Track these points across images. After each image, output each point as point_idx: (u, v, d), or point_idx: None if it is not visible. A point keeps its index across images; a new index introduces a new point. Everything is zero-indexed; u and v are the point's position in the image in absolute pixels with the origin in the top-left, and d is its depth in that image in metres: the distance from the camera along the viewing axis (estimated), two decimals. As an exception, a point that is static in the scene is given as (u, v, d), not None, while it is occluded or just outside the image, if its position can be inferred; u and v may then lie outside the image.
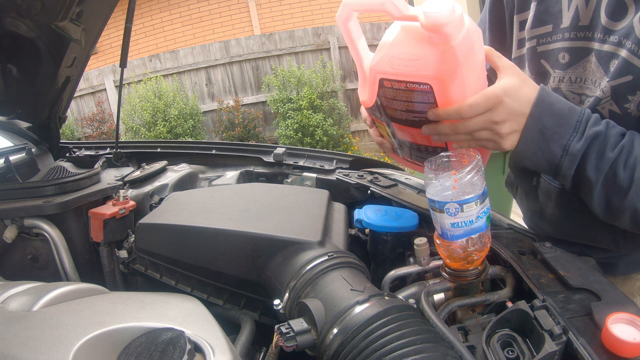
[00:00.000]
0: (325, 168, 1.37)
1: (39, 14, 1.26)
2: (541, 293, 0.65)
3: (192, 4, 8.06)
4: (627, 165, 0.69)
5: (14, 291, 0.68)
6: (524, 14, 0.92)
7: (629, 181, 0.69)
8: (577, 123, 0.71)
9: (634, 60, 0.73)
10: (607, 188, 0.71)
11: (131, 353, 0.51)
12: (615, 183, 0.70)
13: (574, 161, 0.71)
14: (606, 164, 0.70)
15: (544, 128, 0.71)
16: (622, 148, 0.70)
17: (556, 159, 0.72)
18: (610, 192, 0.71)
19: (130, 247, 1.11)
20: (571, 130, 0.70)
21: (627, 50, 0.73)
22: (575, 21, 0.82)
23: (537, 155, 0.73)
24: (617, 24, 0.75)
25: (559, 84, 0.89)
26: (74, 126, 6.65)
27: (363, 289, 0.65)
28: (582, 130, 0.70)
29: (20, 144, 1.71)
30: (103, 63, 7.55)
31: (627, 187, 0.69)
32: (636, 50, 0.72)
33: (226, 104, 6.64)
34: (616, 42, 0.76)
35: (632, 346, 0.52)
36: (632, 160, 0.69)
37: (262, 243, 0.80)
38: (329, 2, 8.16)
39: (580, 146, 0.70)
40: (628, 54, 0.73)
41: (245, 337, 0.75)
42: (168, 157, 1.63)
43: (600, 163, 0.70)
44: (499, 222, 0.94)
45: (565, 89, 0.88)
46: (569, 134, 0.71)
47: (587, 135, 0.70)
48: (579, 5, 0.80)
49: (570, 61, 0.85)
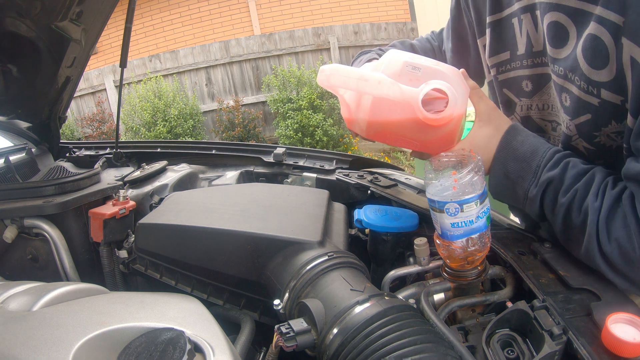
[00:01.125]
0: (325, 168, 1.37)
1: (39, 14, 1.26)
2: (541, 293, 0.65)
3: (192, 4, 8.06)
4: (581, 211, 0.67)
5: (14, 291, 0.68)
6: (483, 39, 0.92)
7: (582, 227, 0.66)
8: (537, 167, 0.71)
9: (587, 98, 0.69)
10: (567, 231, 0.70)
11: (131, 353, 0.51)
12: (571, 225, 0.69)
13: (533, 205, 0.73)
14: (560, 209, 0.69)
15: (508, 173, 0.73)
16: (575, 192, 0.67)
17: (520, 201, 0.75)
18: (568, 231, 0.70)
19: (130, 247, 1.11)
20: (531, 175, 0.71)
21: (577, 87, 0.70)
22: (529, 47, 0.80)
23: (505, 196, 0.77)
24: (559, 51, 0.72)
25: (528, 111, 0.89)
26: (74, 126, 6.65)
27: (363, 289, 0.65)
28: (538, 177, 0.71)
29: (20, 144, 1.71)
30: (103, 63, 7.55)
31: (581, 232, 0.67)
32: (586, 88, 0.68)
33: (226, 104, 6.64)
34: (562, 74, 0.72)
35: (632, 346, 0.52)
36: (585, 206, 0.66)
37: (262, 243, 0.80)
38: (329, 2, 8.17)
39: (535, 192, 0.71)
40: (579, 91, 0.70)
41: (245, 337, 0.75)
42: (168, 157, 1.63)
43: (554, 207, 0.70)
44: (499, 222, 0.94)
45: (535, 116, 0.88)
46: (529, 179, 0.72)
47: (541, 181, 0.70)
48: (529, 30, 0.78)
49: (533, 89, 0.84)
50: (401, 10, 8.04)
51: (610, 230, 0.63)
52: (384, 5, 8.11)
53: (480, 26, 0.92)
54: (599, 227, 0.64)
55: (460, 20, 1.01)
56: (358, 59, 1.11)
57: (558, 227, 0.71)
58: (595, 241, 0.65)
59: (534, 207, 0.73)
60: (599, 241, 0.64)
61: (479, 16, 0.91)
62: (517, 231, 0.90)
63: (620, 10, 0.60)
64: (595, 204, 0.65)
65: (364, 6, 8.11)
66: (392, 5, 8.10)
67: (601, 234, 0.64)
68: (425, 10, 5.74)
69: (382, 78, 0.66)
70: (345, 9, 8.19)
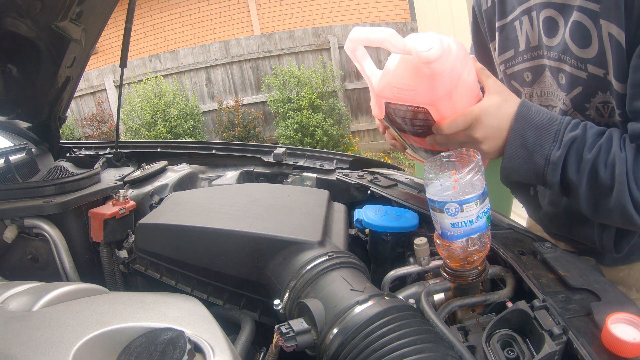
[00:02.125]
0: (325, 168, 1.37)
1: (39, 14, 1.26)
2: (541, 293, 0.65)
3: (192, 4, 8.06)
4: (607, 164, 0.71)
5: (14, 291, 0.68)
6: (494, 43, 1.04)
7: (611, 179, 0.71)
8: (557, 132, 0.74)
9: (578, 73, 0.81)
10: (592, 189, 0.73)
11: (131, 353, 0.51)
12: (598, 182, 0.72)
13: (556, 169, 0.74)
14: (586, 165, 0.72)
15: (525, 142, 0.75)
16: (600, 148, 0.72)
17: (540, 170, 0.76)
18: (595, 192, 0.73)
19: (130, 247, 1.11)
20: (551, 140, 0.74)
21: (569, 65, 0.82)
22: (528, 43, 0.93)
23: (522, 169, 0.77)
24: (553, 40, 0.85)
25: (530, 98, 0.98)
26: (74, 126, 6.65)
27: (363, 289, 0.65)
28: (560, 138, 0.74)
29: (20, 144, 1.71)
30: (103, 63, 7.55)
31: (610, 186, 0.71)
32: (576, 64, 0.80)
33: (226, 104, 6.64)
34: (557, 57, 0.84)
35: (632, 346, 0.52)
36: (611, 158, 0.71)
37: (262, 243, 0.80)
38: (329, 2, 8.16)
39: (560, 153, 0.73)
40: (571, 68, 0.82)
41: (245, 337, 0.75)
42: (168, 157, 1.63)
43: (580, 165, 0.73)
44: (499, 222, 0.94)
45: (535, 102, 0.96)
46: (550, 144, 0.74)
47: (564, 141, 0.73)
48: (527, 29, 0.91)
49: (533, 79, 0.95)
50: (401, 10, 8.04)
51: (638, 178, 0.69)
52: (384, 5, 8.11)
53: (491, 32, 1.04)
54: (628, 176, 0.69)
55: (479, 33, 1.13)
56: None
57: (583, 186, 0.73)
58: (627, 188, 0.69)
59: (556, 171, 0.74)
60: (629, 188, 0.69)
61: (490, 24, 1.04)
62: (517, 231, 0.90)
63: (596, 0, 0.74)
64: (621, 154, 0.70)
65: (364, 6, 8.11)
66: (392, 5, 8.10)
67: (630, 181, 0.69)
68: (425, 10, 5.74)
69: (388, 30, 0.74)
70: (345, 9, 8.18)
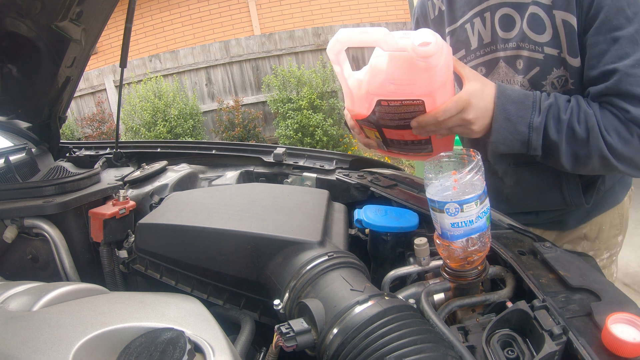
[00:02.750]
0: (325, 168, 1.37)
1: (39, 14, 1.26)
2: (541, 293, 0.65)
3: (192, 4, 8.06)
4: (580, 120, 0.86)
5: (14, 291, 0.68)
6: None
7: (586, 131, 0.85)
8: (533, 103, 0.88)
9: (535, 55, 0.96)
10: (571, 143, 0.87)
11: (131, 353, 0.51)
12: (575, 137, 0.86)
13: (539, 133, 0.87)
14: (564, 125, 0.86)
15: (508, 115, 0.88)
16: (572, 109, 0.87)
17: (525, 137, 0.89)
18: (574, 146, 0.87)
19: (130, 247, 1.11)
20: (530, 110, 0.88)
21: (528, 50, 0.97)
22: (480, 41, 1.06)
23: (508, 139, 0.89)
24: (510, 33, 0.99)
25: None
26: (74, 126, 6.65)
27: (363, 289, 0.65)
28: (538, 107, 0.88)
29: (20, 144, 1.71)
30: (103, 63, 7.55)
31: (587, 136, 0.85)
32: (534, 48, 0.96)
33: (226, 104, 6.64)
34: (515, 46, 0.99)
35: (632, 346, 0.52)
36: (583, 115, 0.86)
37: (262, 243, 0.80)
38: (329, 2, 8.16)
39: (540, 119, 0.87)
40: (529, 52, 0.97)
41: (245, 337, 0.75)
42: (168, 157, 1.63)
43: (559, 126, 0.87)
44: (499, 222, 0.94)
45: None
46: (530, 113, 0.88)
47: (542, 109, 0.87)
48: (479, 29, 1.05)
49: (487, 72, 1.08)
50: (401, 10, 8.04)
51: (607, 125, 0.85)
52: (384, 5, 8.11)
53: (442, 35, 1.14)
54: (599, 125, 0.84)
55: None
56: None
57: (563, 143, 0.87)
58: (600, 136, 0.84)
59: (539, 135, 0.87)
60: (602, 135, 0.84)
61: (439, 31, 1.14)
62: (517, 231, 0.90)
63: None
64: (589, 110, 0.86)
65: (364, 6, 8.11)
66: (392, 5, 8.10)
67: (602, 129, 0.84)
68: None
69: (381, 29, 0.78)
70: (345, 9, 8.18)
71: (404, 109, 0.85)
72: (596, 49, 0.87)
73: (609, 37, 0.85)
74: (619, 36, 0.84)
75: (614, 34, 0.84)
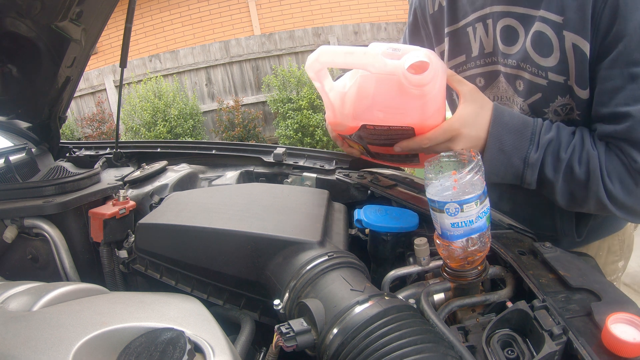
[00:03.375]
0: (325, 168, 1.37)
1: (39, 14, 1.25)
2: (541, 293, 0.65)
3: (192, 4, 8.06)
4: (582, 161, 0.78)
5: (14, 291, 0.68)
6: (442, 46, 1.06)
7: (586, 174, 0.78)
8: (532, 135, 0.80)
9: (538, 80, 0.85)
10: (568, 183, 0.80)
11: (131, 353, 0.51)
12: (573, 177, 0.79)
13: (534, 169, 0.80)
14: (562, 164, 0.79)
15: (503, 146, 0.80)
16: (574, 147, 0.79)
17: (519, 171, 0.81)
18: (571, 185, 0.80)
19: (130, 247, 1.11)
20: (528, 142, 0.80)
21: (529, 73, 0.86)
22: (481, 49, 0.96)
23: (501, 171, 0.82)
24: (511, 48, 0.88)
25: None
26: (74, 126, 6.65)
27: (363, 289, 0.65)
28: (537, 141, 0.79)
29: (20, 144, 1.71)
30: (103, 63, 7.55)
31: (586, 180, 0.78)
32: (536, 72, 0.85)
33: (226, 104, 6.64)
34: (515, 65, 0.88)
35: (632, 346, 0.52)
36: (585, 156, 0.78)
37: (262, 243, 0.80)
38: (329, 2, 8.17)
39: (537, 155, 0.79)
40: (530, 75, 0.86)
41: (245, 337, 0.75)
42: (168, 157, 1.63)
43: (557, 164, 0.79)
44: (499, 222, 0.94)
45: None
46: (527, 146, 0.80)
47: (541, 143, 0.79)
48: (481, 36, 0.95)
49: (485, 84, 0.99)
50: (401, 10, 8.04)
51: (610, 171, 0.77)
52: (384, 5, 8.11)
53: (438, 35, 1.07)
54: (601, 170, 0.77)
55: (417, 34, 1.15)
56: None
57: (560, 182, 0.80)
58: (601, 182, 0.77)
59: (534, 171, 0.80)
60: (603, 181, 0.77)
61: (437, 28, 1.06)
62: (517, 231, 0.90)
63: (559, 11, 0.78)
64: (593, 152, 0.78)
65: (364, 6, 8.11)
66: (392, 5, 8.10)
67: (604, 175, 0.77)
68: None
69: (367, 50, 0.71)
70: (345, 9, 8.19)
71: (391, 132, 0.79)
72: (609, 84, 0.76)
73: (626, 72, 0.73)
74: (638, 74, 0.72)
75: (633, 69, 0.72)
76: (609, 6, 0.72)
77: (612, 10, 0.72)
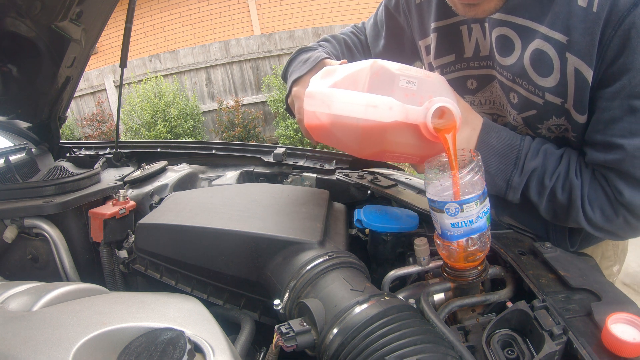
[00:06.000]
0: (325, 168, 1.37)
1: (39, 14, 1.26)
2: (541, 293, 0.65)
3: (192, 4, 8.06)
4: (564, 188, 0.79)
5: (14, 291, 0.68)
6: (427, 40, 1.01)
7: (568, 201, 0.79)
8: (517, 160, 0.80)
9: (533, 98, 0.83)
10: (551, 203, 0.82)
11: (131, 353, 0.51)
12: (556, 201, 0.80)
13: (517, 191, 0.82)
14: (546, 190, 0.80)
15: (487, 167, 0.80)
16: (558, 174, 0.79)
17: (502, 191, 0.83)
18: (554, 206, 0.82)
19: (130, 247, 1.11)
20: (512, 167, 0.81)
21: (524, 89, 0.83)
22: (477, 51, 0.92)
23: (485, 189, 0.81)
24: (505, 59, 0.85)
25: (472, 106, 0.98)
26: (74, 126, 6.65)
27: (363, 289, 0.65)
28: (521, 166, 0.80)
29: (20, 144, 1.71)
30: (103, 63, 7.55)
31: (567, 206, 0.80)
32: (533, 90, 0.82)
33: (226, 104, 6.64)
34: (510, 78, 0.86)
35: (632, 346, 0.52)
36: (568, 185, 0.79)
37: (262, 243, 0.80)
38: (329, 2, 8.17)
39: (520, 180, 0.80)
40: (526, 92, 0.83)
41: (245, 337, 0.75)
42: (168, 157, 1.63)
43: (541, 189, 0.81)
44: (499, 222, 0.94)
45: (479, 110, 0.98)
46: (510, 170, 0.81)
47: (525, 170, 0.80)
48: (478, 38, 0.90)
49: (478, 87, 0.96)
50: (401, 10, 8.04)
51: (592, 200, 0.78)
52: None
53: (423, 28, 1.01)
54: (582, 199, 0.78)
55: (395, 20, 1.09)
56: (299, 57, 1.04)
57: (543, 206, 0.82)
58: (581, 210, 0.79)
59: (516, 193, 0.82)
60: (584, 210, 0.79)
61: (422, 20, 1.00)
62: (517, 231, 0.90)
63: (564, 31, 0.74)
64: (576, 181, 0.78)
65: (363, 6, 8.11)
66: (392, 5, 8.09)
67: (585, 204, 0.78)
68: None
69: (391, 103, 0.64)
70: (345, 9, 8.18)
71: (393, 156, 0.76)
72: (607, 114, 0.74)
73: (626, 104, 0.72)
74: (638, 108, 0.71)
75: (633, 102, 0.71)
76: (619, 36, 0.68)
77: (621, 40, 0.68)
